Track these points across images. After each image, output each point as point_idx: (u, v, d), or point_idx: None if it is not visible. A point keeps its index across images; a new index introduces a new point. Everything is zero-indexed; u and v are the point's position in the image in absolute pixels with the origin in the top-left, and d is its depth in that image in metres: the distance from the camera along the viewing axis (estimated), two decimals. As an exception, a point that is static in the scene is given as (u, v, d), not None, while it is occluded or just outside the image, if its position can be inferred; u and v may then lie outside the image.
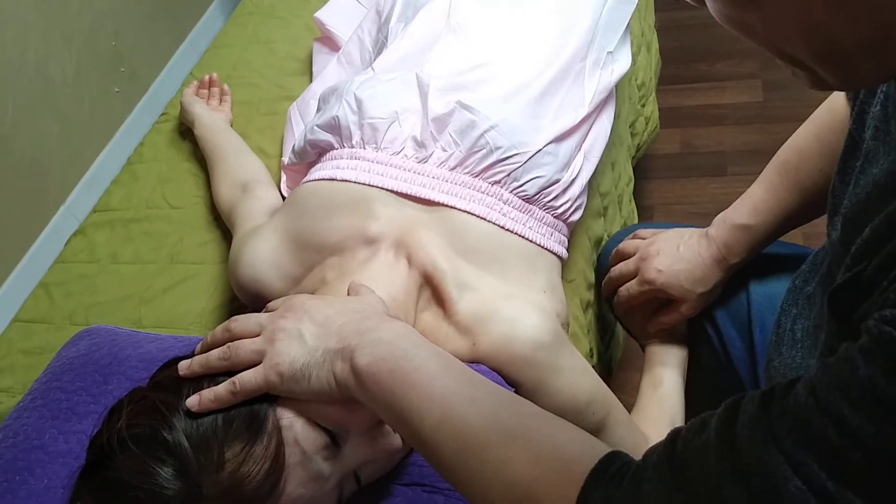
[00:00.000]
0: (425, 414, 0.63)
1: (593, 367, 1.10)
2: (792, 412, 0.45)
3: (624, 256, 1.04)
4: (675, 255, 0.97)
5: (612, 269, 1.04)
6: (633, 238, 1.06)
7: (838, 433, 0.42)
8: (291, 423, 0.72)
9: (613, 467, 0.55)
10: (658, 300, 1.01)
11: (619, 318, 1.11)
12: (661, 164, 2.09)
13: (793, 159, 0.92)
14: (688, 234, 0.99)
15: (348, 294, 0.82)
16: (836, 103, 0.87)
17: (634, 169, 1.53)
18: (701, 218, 1.95)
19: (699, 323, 1.02)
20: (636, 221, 1.47)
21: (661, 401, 0.98)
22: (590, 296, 1.17)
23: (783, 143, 0.95)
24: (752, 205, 0.93)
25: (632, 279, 1.01)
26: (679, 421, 0.98)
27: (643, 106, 1.58)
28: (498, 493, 0.58)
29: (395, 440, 0.78)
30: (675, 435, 0.52)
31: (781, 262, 0.98)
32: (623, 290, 1.02)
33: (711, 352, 1.02)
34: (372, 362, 0.67)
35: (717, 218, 0.97)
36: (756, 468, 0.45)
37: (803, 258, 0.87)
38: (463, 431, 0.61)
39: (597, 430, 0.89)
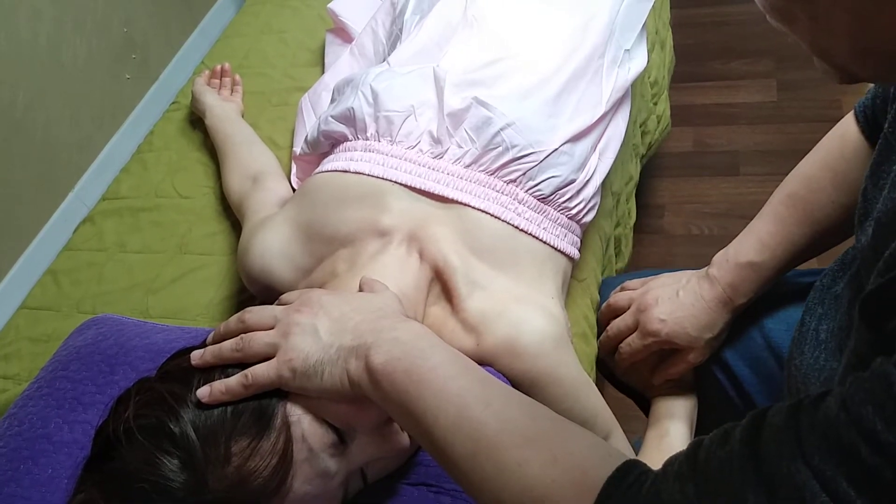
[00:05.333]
0: (440, 414, 0.62)
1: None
2: (822, 426, 0.44)
3: (617, 311, 0.99)
4: (676, 301, 0.92)
5: (610, 326, 0.99)
6: (621, 290, 1.01)
7: (870, 449, 0.41)
8: (299, 419, 0.72)
9: (631, 476, 0.54)
10: (661, 351, 0.96)
11: (619, 377, 1.05)
12: (673, 162, 2.08)
13: (801, 191, 0.88)
14: (685, 277, 0.94)
15: (360, 289, 0.82)
16: (847, 130, 0.85)
17: (646, 166, 1.51)
18: (712, 218, 1.95)
19: (706, 368, 0.97)
20: (634, 220, 1.43)
21: (666, 452, 0.91)
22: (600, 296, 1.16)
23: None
24: (757, 240, 0.89)
25: (631, 334, 0.96)
26: None
27: (655, 104, 1.56)
28: (512, 496, 0.57)
29: (403, 439, 0.77)
30: (696, 445, 0.52)
31: (789, 291, 0.94)
32: (625, 345, 0.96)
33: (722, 395, 0.98)
34: (387, 361, 0.66)
35: (716, 257, 0.92)
36: (782, 482, 0.44)
37: (811, 285, 0.85)
38: (478, 433, 0.60)
39: None
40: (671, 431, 0.95)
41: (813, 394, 0.48)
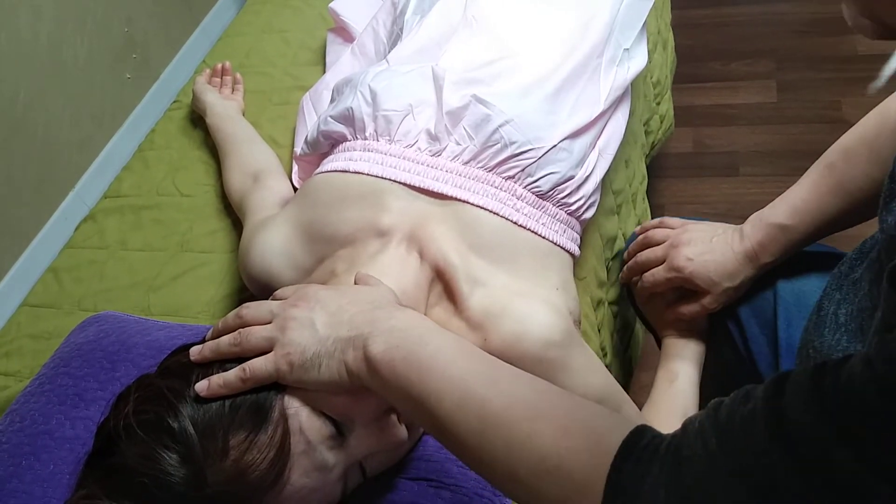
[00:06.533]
0: (444, 396, 0.63)
1: (607, 365, 1.10)
2: (846, 383, 0.45)
3: (651, 244, 1.04)
4: (708, 245, 0.96)
5: (640, 254, 1.04)
6: (660, 226, 1.05)
7: (893, 404, 0.42)
8: (297, 411, 0.72)
9: (646, 438, 0.55)
10: (679, 291, 1.00)
11: (638, 306, 1.10)
12: (673, 162, 2.08)
13: (839, 162, 0.90)
14: (721, 228, 0.98)
15: (355, 283, 0.82)
16: (889, 107, 0.86)
17: (647, 167, 1.52)
18: (712, 218, 1.93)
19: (722, 320, 1.01)
20: (649, 220, 1.45)
21: (675, 395, 0.97)
22: (601, 294, 1.17)
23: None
24: (791, 205, 0.92)
25: (658, 265, 1.00)
26: (692, 412, 0.96)
27: (658, 104, 1.57)
28: (525, 468, 0.57)
29: (401, 432, 0.78)
30: (717, 405, 0.52)
31: (811, 260, 0.97)
32: (648, 275, 1.01)
33: (733, 349, 1.01)
34: (386, 350, 0.67)
35: (752, 216, 0.96)
36: (805, 437, 0.45)
37: (835, 258, 0.87)
38: (485, 411, 0.60)
39: None
40: (680, 374, 0.99)
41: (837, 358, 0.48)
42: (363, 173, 0.94)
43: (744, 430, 0.48)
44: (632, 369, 1.32)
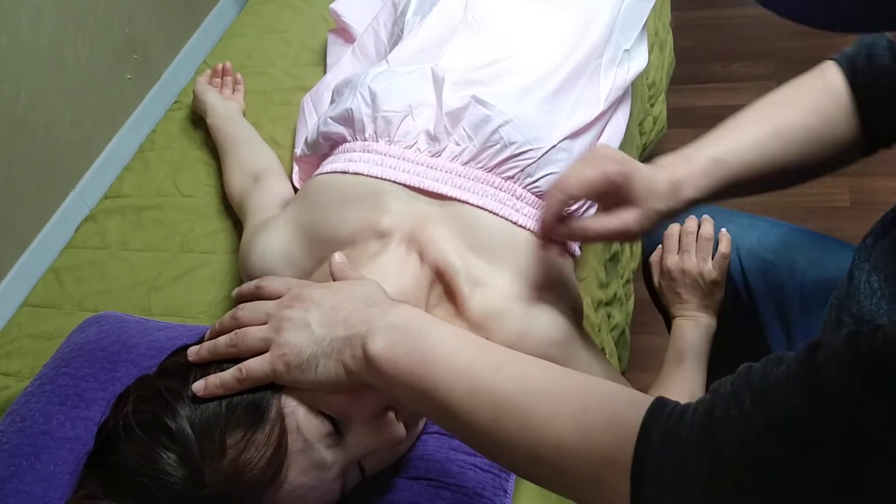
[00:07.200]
0: (453, 387, 0.62)
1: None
2: (881, 345, 0.45)
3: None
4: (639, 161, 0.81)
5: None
6: None
7: None
8: (294, 410, 0.73)
9: (668, 407, 0.54)
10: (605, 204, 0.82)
11: (652, 286, 1.08)
12: (673, 163, 2.08)
13: (775, 108, 0.86)
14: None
15: (332, 278, 0.81)
16: (827, 73, 0.84)
17: (646, 168, 1.52)
18: (712, 219, 1.95)
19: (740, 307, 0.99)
20: None
21: (684, 376, 0.96)
22: (601, 295, 1.17)
23: None
24: (722, 139, 0.84)
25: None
26: (700, 394, 0.94)
27: (652, 105, 1.57)
28: (546, 449, 0.57)
29: (399, 429, 0.78)
30: (747, 369, 0.52)
31: (830, 251, 0.96)
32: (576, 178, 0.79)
33: (750, 339, 1.00)
34: (386, 346, 0.67)
35: (662, 159, 0.82)
36: (841, 395, 0.45)
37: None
38: (496, 398, 0.60)
39: None
40: (688, 356, 0.97)
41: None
42: (363, 174, 0.94)
43: (779, 390, 0.48)
44: (623, 372, 1.32)
